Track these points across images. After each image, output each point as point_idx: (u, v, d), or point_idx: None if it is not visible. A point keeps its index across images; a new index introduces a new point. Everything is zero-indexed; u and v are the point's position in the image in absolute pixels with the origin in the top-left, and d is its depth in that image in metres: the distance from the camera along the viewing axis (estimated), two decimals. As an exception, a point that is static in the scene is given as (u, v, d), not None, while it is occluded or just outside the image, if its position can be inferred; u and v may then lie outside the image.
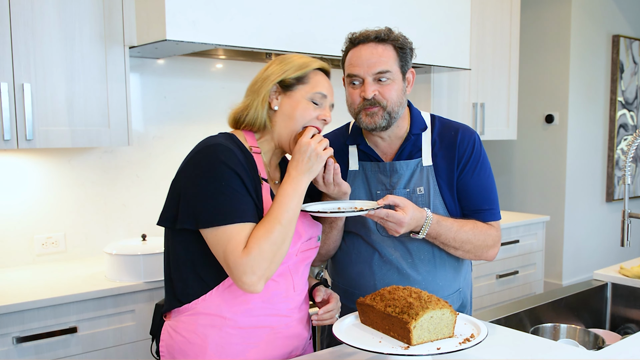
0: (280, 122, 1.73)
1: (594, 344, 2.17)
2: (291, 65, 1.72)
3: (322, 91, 1.75)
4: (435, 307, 1.54)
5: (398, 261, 1.97)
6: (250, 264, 1.53)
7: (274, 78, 1.71)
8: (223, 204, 1.55)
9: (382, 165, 2.00)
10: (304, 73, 1.73)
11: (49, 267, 2.92)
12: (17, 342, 2.34)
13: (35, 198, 2.98)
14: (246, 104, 1.74)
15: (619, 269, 2.75)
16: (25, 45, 2.54)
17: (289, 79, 1.71)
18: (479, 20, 4.40)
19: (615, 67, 5.83)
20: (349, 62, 1.93)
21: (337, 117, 2.37)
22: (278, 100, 1.73)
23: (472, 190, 2.00)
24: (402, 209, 1.78)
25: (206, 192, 1.56)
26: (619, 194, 6.02)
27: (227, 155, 1.59)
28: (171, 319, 1.72)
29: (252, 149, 1.72)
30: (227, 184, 1.56)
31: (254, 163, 1.68)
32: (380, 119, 1.90)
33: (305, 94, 1.73)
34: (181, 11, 2.65)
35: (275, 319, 1.71)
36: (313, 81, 1.74)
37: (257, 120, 1.72)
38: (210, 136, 1.72)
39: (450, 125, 2.05)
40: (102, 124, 2.77)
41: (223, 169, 1.57)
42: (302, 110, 1.72)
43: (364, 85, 1.89)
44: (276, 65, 1.73)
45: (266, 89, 1.71)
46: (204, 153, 1.61)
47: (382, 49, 1.89)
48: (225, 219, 1.54)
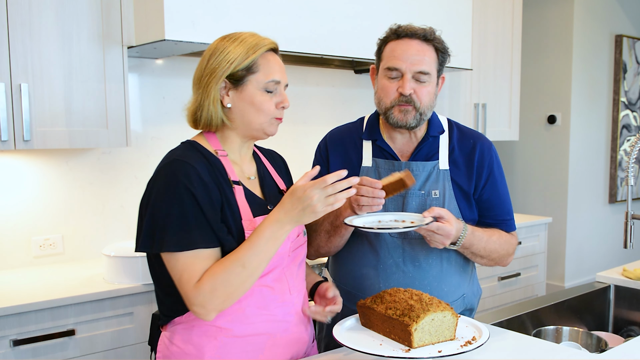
0: (238, 119, 1.63)
1: (597, 346, 2.16)
2: (237, 54, 1.58)
3: (275, 78, 1.64)
4: (437, 309, 1.54)
5: (405, 265, 1.95)
6: (200, 299, 1.48)
7: (220, 73, 1.58)
8: (178, 230, 1.48)
9: (397, 164, 1.98)
10: (252, 61, 1.59)
11: (46, 269, 2.91)
12: (15, 344, 2.32)
13: (33, 199, 2.96)
14: (197, 102, 1.63)
15: (621, 271, 2.74)
16: (22, 45, 2.53)
17: (238, 71, 1.58)
18: (480, 20, 4.39)
19: (618, 67, 5.81)
20: (392, 54, 1.89)
21: (341, 115, 2.35)
22: (229, 96, 1.61)
23: (495, 201, 2.02)
24: (447, 221, 1.78)
25: (162, 217, 1.49)
26: (622, 195, 6.01)
27: (184, 174, 1.51)
28: (167, 329, 1.68)
29: (217, 153, 1.64)
30: (184, 209, 1.49)
31: (222, 168, 1.61)
32: (412, 118, 1.90)
33: (257, 84, 1.61)
34: (180, 11, 2.64)
35: (273, 324, 1.64)
36: (264, 68, 1.61)
37: (213, 121, 1.62)
38: (172, 150, 1.65)
39: (467, 133, 2.06)
40: (100, 125, 2.75)
41: (180, 191, 1.49)
42: (259, 104, 1.62)
43: (403, 81, 1.87)
44: (221, 53, 1.58)
45: (214, 87, 1.59)
46: (162, 173, 1.54)
47: (427, 49, 1.88)
48: (178, 246, 1.48)
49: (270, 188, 1.76)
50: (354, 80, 4.12)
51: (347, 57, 3.32)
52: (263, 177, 1.76)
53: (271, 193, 1.75)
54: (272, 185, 1.78)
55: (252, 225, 1.59)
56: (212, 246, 1.52)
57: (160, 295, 1.66)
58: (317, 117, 3.93)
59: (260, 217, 1.62)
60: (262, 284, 1.62)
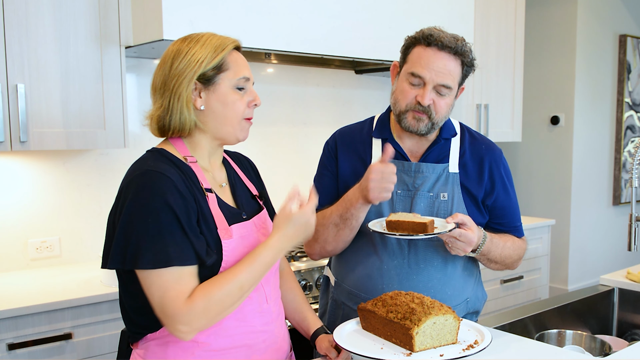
0: (211, 121, 1.58)
1: (601, 350, 2.15)
2: (204, 54, 1.53)
3: (245, 74, 1.59)
4: (438, 312, 1.54)
5: (409, 267, 1.94)
6: (189, 317, 1.42)
7: (190, 74, 1.52)
8: (157, 246, 1.41)
9: (407, 165, 1.97)
10: (221, 59, 1.55)
11: (43, 272, 2.90)
12: (10, 348, 2.31)
13: (30, 201, 2.95)
14: (163, 108, 1.54)
15: (626, 274, 2.73)
16: (19, 45, 2.52)
17: (207, 70, 1.53)
18: (482, 20, 4.38)
19: (622, 68, 5.79)
20: (418, 60, 1.86)
21: (341, 116, 2.33)
22: (202, 98, 1.55)
23: (507, 208, 2.05)
24: (469, 228, 1.79)
25: (135, 232, 1.42)
26: (626, 197, 5.99)
27: (159, 187, 1.44)
28: (139, 347, 1.61)
29: (187, 159, 1.57)
30: (162, 223, 1.42)
31: (192, 175, 1.55)
32: (424, 126, 1.89)
33: (229, 82, 1.56)
34: (178, 10, 2.63)
35: (252, 336, 1.59)
36: (233, 65, 1.57)
37: (185, 126, 1.55)
38: (138, 159, 1.57)
39: (479, 138, 2.07)
40: (98, 126, 2.74)
41: (155, 204, 1.42)
42: (232, 103, 1.57)
43: (424, 90, 1.85)
44: (186, 55, 1.53)
45: (185, 88, 1.53)
46: (135, 184, 1.46)
47: (453, 64, 1.86)
48: (159, 262, 1.41)
49: (243, 195, 1.72)
50: (354, 80, 4.11)
51: (348, 57, 3.31)
52: (234, 183, 1.71)
53: (243, 200, 1.70)
54: (244, 191, 1.73)
55: (228, 234, 1.54)
56: (189, 263, 1.45)
57: (131, 312, 1.58)
58: (317, 117, 3.92)
59: (235, 225, 1.57)
60: None
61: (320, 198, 2.01)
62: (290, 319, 1.87)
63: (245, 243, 1.58)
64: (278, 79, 3.75)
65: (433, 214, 1.93)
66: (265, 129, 3.69)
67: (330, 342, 1.73)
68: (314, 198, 1.59)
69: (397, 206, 1.94)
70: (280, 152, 3.75)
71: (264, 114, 3.66)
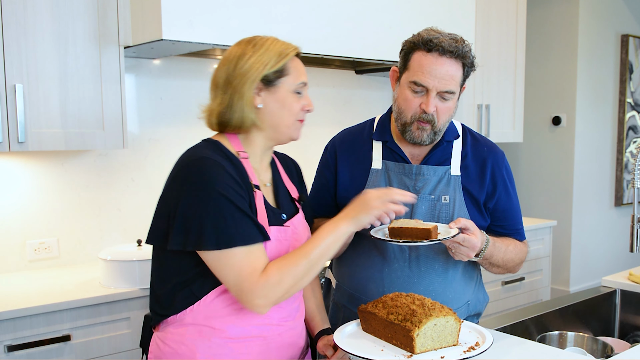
0: (268, 120, 1.65)
1: (603, 352, 2.15)
2: (269, 57, 1.61)
3: (304, 80, 1.68)
4: (439, 314, 1.54)
5: (410, 270, 1.93)
6: (266, 291, 1.50)
7: (255, 75, 1.60)
8: (224, 227, 1.49)
9: (408, 167, 1.95)
10: (284, 64, 1.63)
11: (41, 273, 2.89)
12: (9, 350, 2.30)
13: (28, 202, 2.94)
14: (225, 104, 1.63)
15: (628, 275, 2.72)
16: (17, 45, 2.51)
17: (271, 74, 1.62)
18: (484, 20, 4.37)
19: (624, 68, 5.79)
20: (419, 69, 1.83)
21: (341, 117, 2.32)
22: (261, 97, 1.63)
23: (509, 211, 2.04)
24: (472, 233, 1.78)
25: (203, 214, 1.50)
26: (628, 198, 5.98)
27: (217, 172, 1.53)
28: (159, 330, 1.68)
29: (239, 154, 1.65)
30: (222, 206, 1.50)
31: (244, 171, 1.62)
32: (426, 135, 1.88)
33: (289, 87, 1.64)
34: (178, 10, 2.62)
35: (267, 328, 1.64)
36: (293, 71, 1.65)
37: (245, 123, 1.63)
38: (193, 147, 1.66)
39: (481, 140, 2.05)
40: (97, 126, 2.73)
41: (216, 188, 1.50)
42: (290, 105, 1.65)
43: (427, 98, 1.83)
44: (251, 57, 1.61)
45: (249, 88, 1.60)
46: (192, 169, 1.54)
47: (455, 68, 1.84)
48: (230, 242, 1.49)
49: (284, 196, 1.77)
50: (354, 80, 4.10)
51: (348, 57, 3.30)
52: (277, 184, 1.77)
53: (284, 201, 1.76)
54: (285, 193, 1.79)
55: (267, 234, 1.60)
56: (253, 241, 1.53)
57: (160, 293, 1.65)
58: (317, 118, 3.90)
59: (274, 227, 1.63)
60: None
61: (317, 209, 2.06)
62: None
63: (280, 247, 1.64)
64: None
65: (434, 216, 1.92)
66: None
67: (328, 341, 1.78)
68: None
69: None
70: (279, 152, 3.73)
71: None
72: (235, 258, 1.50)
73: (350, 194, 1.96)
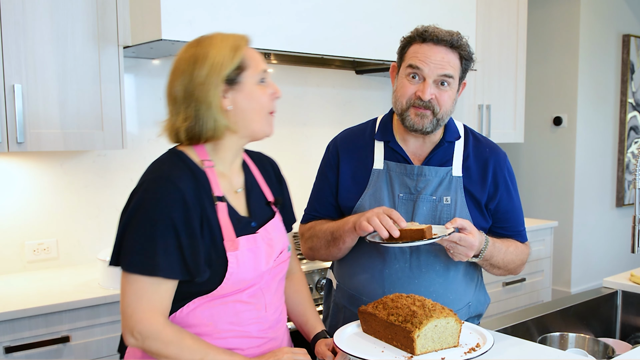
0: (241, 119, 1.57)
1: (604, 353, 2.14)
2: (223, 56, 1.52)
3: (264, 67, 1.59)
4: (440, 315, 1.54)
5: (411, 271, 1.93)
6: (148, 334, 1.44)
7: (216, 79, 1.51)
8: (148, 252, 1.43)
9: (410, 168, 1.94)
10: (241, 59, 1.54)
11: (40, 274, 2.88)
12: (7, 352, 2.29)
13: (26, 203, 2.93)
14: (191, 117, 1.53)
15: (629, 276, 2.72)
16: (15, 45, 2.50)
17: (231, 72, 1.53)
18: (484, 20, 4.36)
19: (625, 68, 5.78)
20: (414, 54, 1.85)
21: (342, 117, 2.31)
22: (228, 98, 1.55)
23: (510, 212, 2.03)
24: (470, 232, 1.77)
25: (134, 235, 1.45)
26: (630, 198, 5.98)
27: (166, 197, 1.46)
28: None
29: (203, 164, 1.57)
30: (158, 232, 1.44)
31: (206, 182, 1.55)
32: (428, 122, 1.86)
33: (252, 79, 1.56)
34: (177, 10, 2.61)
35: (247, 340, 1.60)
36: (251, 62, 1.57)
37: (218, 131, 1.55)
38: (157, 160, 1.58)
39: (483, 141, 2.05)
40: (96, 127, 2.73)
41: (157, 212, 1.44)
42: (258, 97, 1.58)
43: (424, 85, 1.83)
44: (204, 62, 1.51)
45: (213, 94, 1.51)
46: (145, 188, 1.49)
47: (451, 56, 1.85)
48: (145, 269, 1.44)
49: (257, 201, 1.70)
50: (355, 81, 4.10)
51: (348, 57, 3.29)
52: (250, 189, 1.70)
53: (257, 207, 1.69)
54: (259, 197, 1.72)
55: (234, 245, 1.54)
56: (173, 277, 1.47)
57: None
58: (317, 118, 3.91)
59: (243, 237, 1.57)
60: (237, 300, 1.57)
61: (319, 208, 2.07)
62: (294, 321, 1.88)
63: (252, 255, 1.58)
64: (278, 79, 3.72)
65: (436, 217, 1.91)
66: (265, 130, 3.66)
67: (327, 346, 1.72)
68: None
69: (399, 210, 1.92)
70: (279, 153, 3.68)
71: (263, 115, 3.65)
72: (140, 284, 1.45)
73: (352, 194, 1.97)
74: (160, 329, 1.45)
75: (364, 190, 1.96)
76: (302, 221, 2.13)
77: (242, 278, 1.55)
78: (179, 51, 1.58)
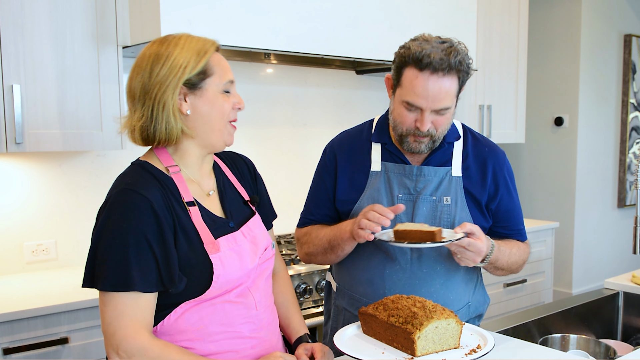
0: (199, 126, 1.53)
1: (605, 355, 2.13)
2: (187, 58, 1.47)
3: (231, 78, 1.55)
4: (441, 317, 1.53)
5: (411, 271, 1.92)
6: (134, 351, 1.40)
7: (175, 81, 1.46)
8: (121, 268, 1.40)
9: (409, 169, 1.93)
10: (205, 64, 1.49)
11: (39, 275, 2.88)
12: (6, 353, 2.29)
13: (25, 204, 2.93)
14: (146, 116, 1.48)
15: (631, 278, 2.70)
16: (14, 45, 2.50)
17: (193, 76, 1.48)
18: (485, 20, 4.35)
19: (627, 68, 5.77)
20: (412, 89, 1.78)
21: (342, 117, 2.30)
22: (187, 102, 1.49)
23: (511, 211, 2.03)
24: (478, 238, 1.76)
25: (104, 252, 1.41)
26: (631, 199, 5.97)
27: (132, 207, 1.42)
28: None
29: (168, 170, 1.53)
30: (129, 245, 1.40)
31: (174, 189, 1.51)
32: (425, 146, 1.86)
33: (216, 87, 1.51)
34: (177, 9, 2.61)
35: (239, 341, 1.57)
36: (217, 69, 1.52)
37: (172, 135, 1.49)
38: (121, 174, 1.55)
39: (482, 141, 2.04)
40: (95, 127, 2.72)
41: (126, 225, 1.41)
42: (220, 106, 1.52)
43: (422, 116, 1.79)
44: (166, 61, 1.46)
45: (170, 96, 1.46)
46: (111, 203, 1.45)
47: (449, 83, 1.77)
48: (120, 285, 1.40)
49: (232, 201, 1.67)
50: (355, 81, 4.09)
51: (349, 57, 3.28)
52: (223, 190, 1.66)
53: (232, 207, 1.66)
54: (233, 197, 1.69)
55: (215, 247, 1.51)
56: (150, 290, 1.43)
57: None
58: (317, 119, 3.90)
59: (223, 238, 1.54)
60: (225, 300, 1.55)
61: (315, 212, 2.06)
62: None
63: (235, 255, 1.55)
64: (278, 80, 3.73)
65: (436, 218, 1.90)
66: (264, 130, 3.67)
67: (306, 350, 1.68)
68: None
69: None
70: (279, 153, 3.73)
71: (263, 115, 3.64)
72: (118, 301, 1.41)
73: (350, 197, 1.96)
74: (146, 346, 1.41)
75: (362, 193, 1.95)
76: (299, 225, 2.11)
77: (230, 279, 1.53)
78: (144, 47, 1.54)
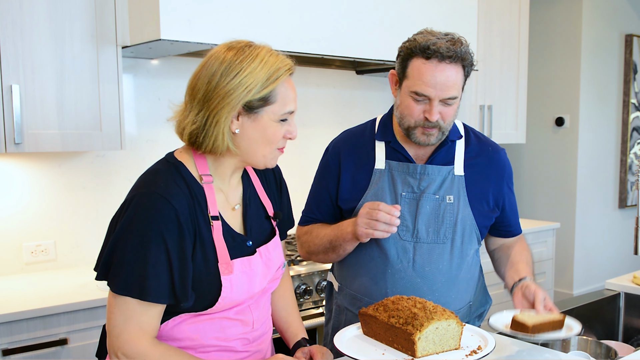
0: (245, 147, 1.50)
1: (606, 356, 2.11)
2: (256, 80, 1.43)
3: (292, 109, 1.51)
4: (441, 317, 1.53)
5: (414, 271, 1.92)
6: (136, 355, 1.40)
7: (236, 101, 1.42)
8: (138, 274, 1.39)
9: (413, 167, 1.94)
10: (271, 91, 1.45)
11: (38, 276, 2.87)
12: (5, 354, 2.29)
13: (24, 204, 2.92)
14: (198, 124, 1.45)
15: (632, 278, 2.71)
16: (13, 45, 2.50)
17: (255, 100, 1.44)
18: (486, 20, 4.35)
19: (628, 68, 5.77)
20: (419, 78, 1.79)
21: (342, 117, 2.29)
22: (239, 121, 1.46)
23: (512, 208, 2.09)
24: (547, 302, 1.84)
25: (125, 253, 1.39)
26: (632, 199, 5.97)
27: (158, 214, 1.40)
28: None
29: (202, 179, 1.51)
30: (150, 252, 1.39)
31: (203, 200, 1.50)
32: (434, 138, 1.87)
33: (273, 116, 1.48)
34: (176, 9, 2.60)
35: (230, 354, 1.57)
36: (281, 98, 1.47)
37: (217, 150, 1.47)
38: (152, 171, 1.52)
39: (484, 140, 2.06)
40: (94, 127, 2.72)
41: (150, 231, 1.39)
42: (271, 135, 1.50)
43: (430, 106, 1.80)
44: (236, 76, 1.42)
45: (227, 114, 1.43)
46: (138, 203, 1.42)
47: (455, 73, 1.79)
48: (134, 290, 1.39)
49: (254, 217, 1.65)
50: (355, 81, 4.09)
51: (349, 57, 3.28)
52: (248, 204, 1.64)
53: (254, 223, 1.64)
54: (258, 212, 1.67)
55: (228, 269, 1.50)
56: (162, 301, 1.42)
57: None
58: (317, 119, 3.90)
59: (238, 260, 1.53)
60: (223, 317, 1.54)
61: (316, 211, 2.06)
62: (276, 325, 1.84)
63: (246, 278, 1.54)
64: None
65: (439, 216, 1.91)
66: (265, 131, 3.65)
67: (303, 354, 1.68)
68: None
69: (403, 210, 1.91)
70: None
71: (264, 116, 3.64)
72: (128, 306, 1.40)
73: (353, 195, 1.96)
74: (147, 351, 1.41)
75: (365, 191, 1.95)
76: (300, 223, 2.11)
77: (234, 300, 1.52)
78: (221, 44, 1.49)
